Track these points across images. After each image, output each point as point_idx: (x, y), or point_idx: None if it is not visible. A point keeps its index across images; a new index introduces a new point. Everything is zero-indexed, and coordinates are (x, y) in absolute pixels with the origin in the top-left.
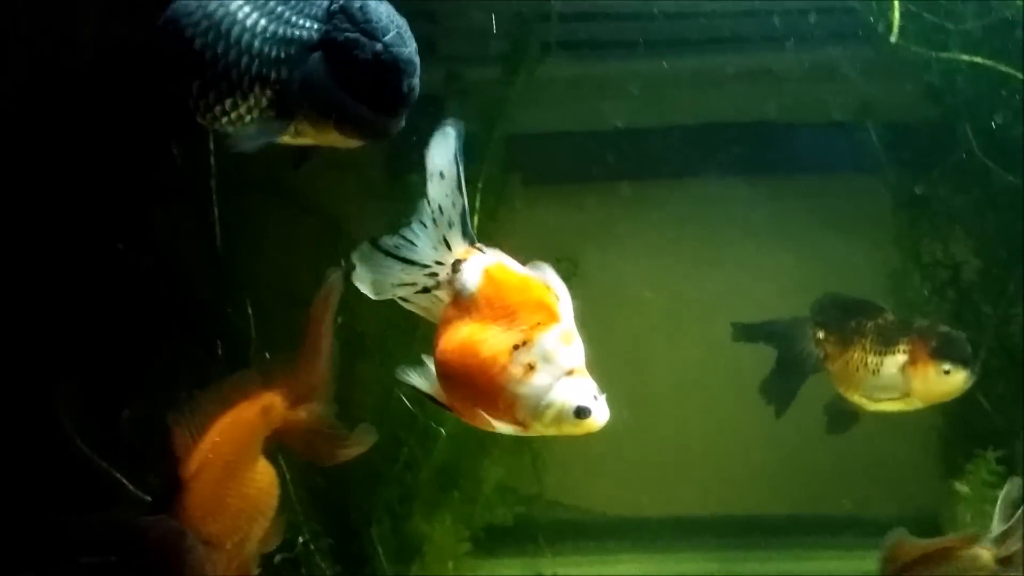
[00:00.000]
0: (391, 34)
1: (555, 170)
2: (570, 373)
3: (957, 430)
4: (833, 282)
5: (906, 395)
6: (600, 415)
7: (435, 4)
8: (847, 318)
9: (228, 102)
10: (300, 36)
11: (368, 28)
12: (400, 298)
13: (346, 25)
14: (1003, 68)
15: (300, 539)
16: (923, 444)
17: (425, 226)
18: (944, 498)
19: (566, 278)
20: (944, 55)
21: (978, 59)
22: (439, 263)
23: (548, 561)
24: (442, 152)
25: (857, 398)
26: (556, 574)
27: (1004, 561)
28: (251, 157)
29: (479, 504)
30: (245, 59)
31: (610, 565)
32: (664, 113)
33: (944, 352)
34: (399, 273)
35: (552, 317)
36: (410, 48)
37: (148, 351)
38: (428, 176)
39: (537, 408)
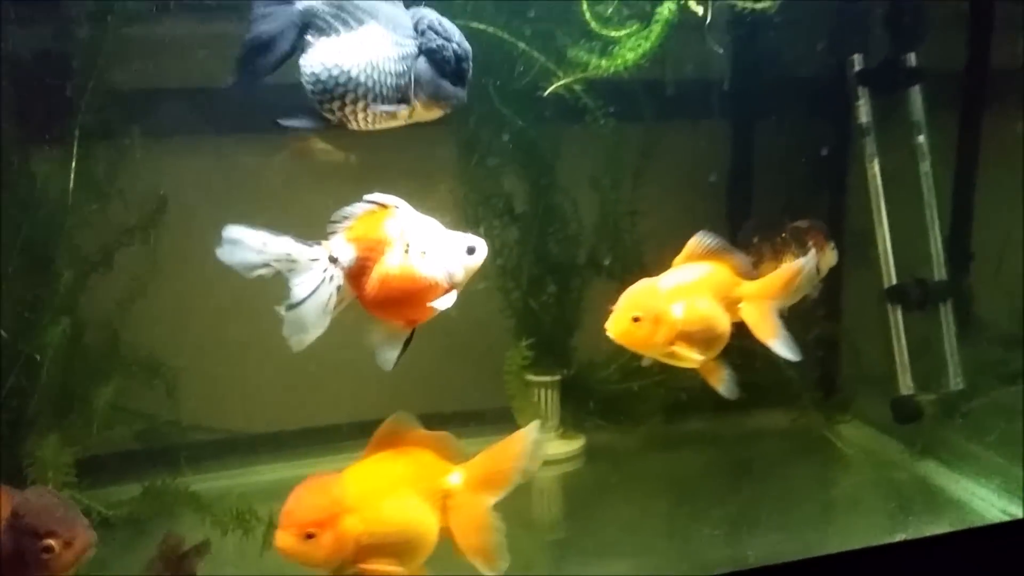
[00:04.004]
0: (457, 36)
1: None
2: (442, 236)
3: (520, 327)
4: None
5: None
6: (481, 244)
7: None
8: (772, 234)
9: (372, 107)
10: (411, 51)
11: (446, 35)
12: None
13: (433, 36)
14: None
15: None
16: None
17: (294, 270)
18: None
19: None
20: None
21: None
22: (325, 270)
23: (178, 480)
24: (242, 245)
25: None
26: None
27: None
28: None
29: (95, 427)
30: (389, 77)
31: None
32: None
33: (829, 233)
34: (321, 299)
35: (402, 218)
36: (466, 44)
37: None
38: (254, 257)
39: (448, 272)
